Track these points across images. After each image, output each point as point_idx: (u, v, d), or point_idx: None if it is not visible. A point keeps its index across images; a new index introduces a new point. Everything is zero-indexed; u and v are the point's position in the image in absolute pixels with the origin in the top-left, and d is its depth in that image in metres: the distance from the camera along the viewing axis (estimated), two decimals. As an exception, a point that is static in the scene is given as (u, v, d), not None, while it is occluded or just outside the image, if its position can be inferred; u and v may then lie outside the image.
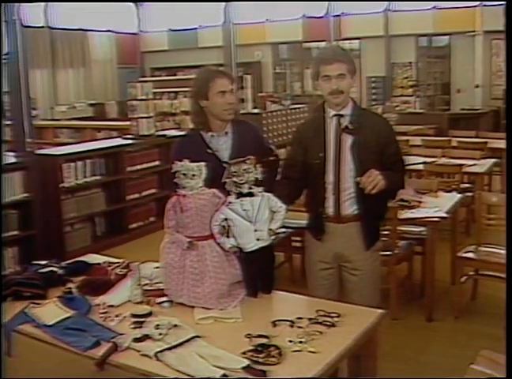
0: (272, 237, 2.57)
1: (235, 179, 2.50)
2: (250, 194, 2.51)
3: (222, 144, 3.00)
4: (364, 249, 2.87)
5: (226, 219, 2.51)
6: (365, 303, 2.61)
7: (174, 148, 3.15)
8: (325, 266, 2.95)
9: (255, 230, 2.51)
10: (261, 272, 2.61)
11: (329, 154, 2.80)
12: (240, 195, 2.51)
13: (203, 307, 2.49)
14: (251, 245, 2.52)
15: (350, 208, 2.82)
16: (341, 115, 2.81)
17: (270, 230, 2.54)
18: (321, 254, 2.95)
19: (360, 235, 2.85)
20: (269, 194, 2.56)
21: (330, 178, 2.81)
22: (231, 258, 2.56)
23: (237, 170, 2.50)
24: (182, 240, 2.53)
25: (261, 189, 2.53)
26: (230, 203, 2.51)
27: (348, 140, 2.78)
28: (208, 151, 2.95)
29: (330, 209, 2.85)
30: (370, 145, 2.77)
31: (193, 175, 2.54)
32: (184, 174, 2.54)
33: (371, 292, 2.89)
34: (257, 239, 2.52)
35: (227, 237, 2.52)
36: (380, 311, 2.43)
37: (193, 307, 2.51)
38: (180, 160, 2.56)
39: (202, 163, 2.56)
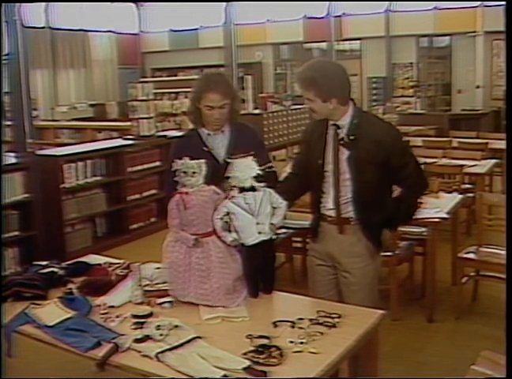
0: (274, 236, 2.60)
1: (237, 174, 2.53)
2: (253, 189, 2.54)
3: (218, 143, 3.04)
4: (355, 254, 2.84)
5: (228, 214, 2.54)
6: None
7: (172, 147, 3.19)
8: (321, 262, 2.96)
9: (257, 224, 2.54)
10: (262, 269, 2.62)
11: (327, 162, 2.79)
12: (243, 190, 2.54)
13: (209, 305, 2.50)
14: (253, 238, 2.55)
15: (345, 213, 2.81)
16: (338, 126, 2.77)
17: (272, 224, 2.57)
18: (316, 251, 2.98)
19: (352, 240, 2.83)
20: (271, 190, 2.60)
21: (329, 184, 2.80)
22: (233, 253, 2.59)
23: (239, 165, 2.53)
24: (187, 238, 2.54)
25: (262, 184, 2.56)
26: (233, 197, 2.54)
27: (344, 152, 2.75)
28: (204, 148, 2.99)
29: (326, 212, 2.86)
30: (367, 158, 2.70)
31: (194, 173, 2.57)
32: (185, 172, 2.56)
33: (363, 297, 2.79)
34: (259, 233, 2.55)
35: (229, 231, 2.55)
36: (380, 312, 2.43)
37: (194, 308, 2.51)
38: (180, 158, 2.59)
39: (202, 161, 2.59)
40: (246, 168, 2.53)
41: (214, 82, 2.95)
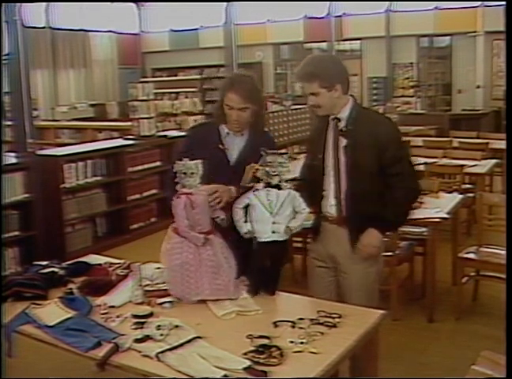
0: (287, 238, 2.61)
1: (268, 169, 2.56)
2: (278, 187, 2.56)
3: (234, 144, 3.00)
4: (355, 253, 2.83)
5: (248, 205, 2.57)
6: None
7: (188, 134, 3.20)
8: (321, 264, 2.96)
9: (273, 223, 2.56)
10: (269, 268, 2.62)
11: (327, 156, 2.81)
12: (268, 185, 2.56)
13: (220, 299, 2.53)
14: (266, 236, 2.57)
15: (346, 210, 2.81)
16: (338, 119, 2.81)
17: (288, 227, 2.57)
18: (316, 252, 2.98)
19: (352, 239, 2.83)
20: (296, 193, 2.60)
21: (330, 179, 2.82)
22: (229, 249, 2.64)
23: (272, 161, 2.55)
24: (197, 237, 2.57)
25: (289, 185, 2.57)
26: (256, 189, 2.57)
27: (343, 140, 2.79)
28: (220, 146, 2.97)
29: (327, 210, 2.86)
30: (364, 147, 2.73)
31: (192, 173, 2.60)
32: (184, 173, 2.59)
33: (363, 298, 2.77)
34: (273, 232, 2.56)
35: (245, 222, 2.58)
36: (381, 312, 2.43)
37: (194, 308, 2.52)
38: (180, 159, 2.61)
39: (199, 161, 2.61)
40: (278, 165, 2.55)
41: (238, 82, 2.91)
